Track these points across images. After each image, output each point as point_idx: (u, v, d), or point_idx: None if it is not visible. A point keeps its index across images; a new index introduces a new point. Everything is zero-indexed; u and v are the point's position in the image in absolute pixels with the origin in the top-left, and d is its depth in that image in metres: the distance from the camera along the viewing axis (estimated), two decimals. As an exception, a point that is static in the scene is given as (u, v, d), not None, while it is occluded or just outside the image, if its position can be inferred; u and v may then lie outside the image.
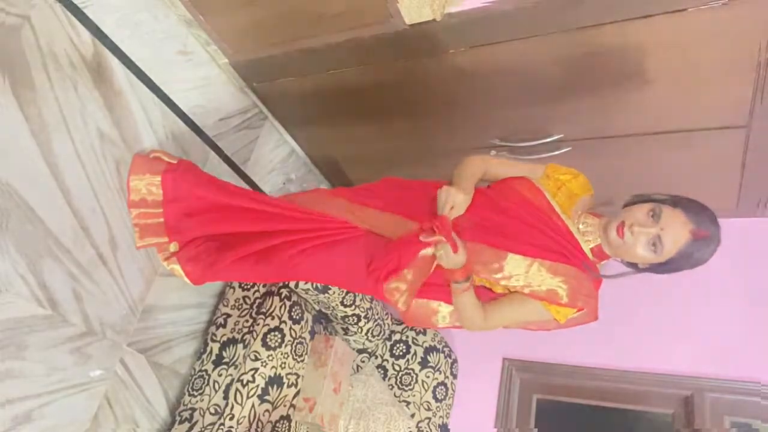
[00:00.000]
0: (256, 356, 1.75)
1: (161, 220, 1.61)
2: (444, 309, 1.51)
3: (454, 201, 1.34)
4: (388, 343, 2.29)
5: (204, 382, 1.88)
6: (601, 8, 1.49)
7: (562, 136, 1.94)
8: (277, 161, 2.45)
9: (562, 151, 1.96)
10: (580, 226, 1.37)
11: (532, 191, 1.40)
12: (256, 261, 1.55)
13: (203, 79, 2.03)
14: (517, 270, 1.34)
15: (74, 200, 1.56)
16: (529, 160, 1.61)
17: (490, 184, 1.53)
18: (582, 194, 1.42)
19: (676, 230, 1.21)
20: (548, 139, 1.96)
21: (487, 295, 1.46)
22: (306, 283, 1.91)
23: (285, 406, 1.80)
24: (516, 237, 1.35)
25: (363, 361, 2.23)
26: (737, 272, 2.14)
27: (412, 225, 1.39)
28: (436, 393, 2.20)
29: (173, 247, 1.63)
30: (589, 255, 1.36)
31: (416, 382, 2.21)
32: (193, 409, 1.84)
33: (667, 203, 1.25)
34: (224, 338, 1.94)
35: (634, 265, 1.32)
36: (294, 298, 1.91)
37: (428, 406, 2.19)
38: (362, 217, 1.47)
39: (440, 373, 2.23)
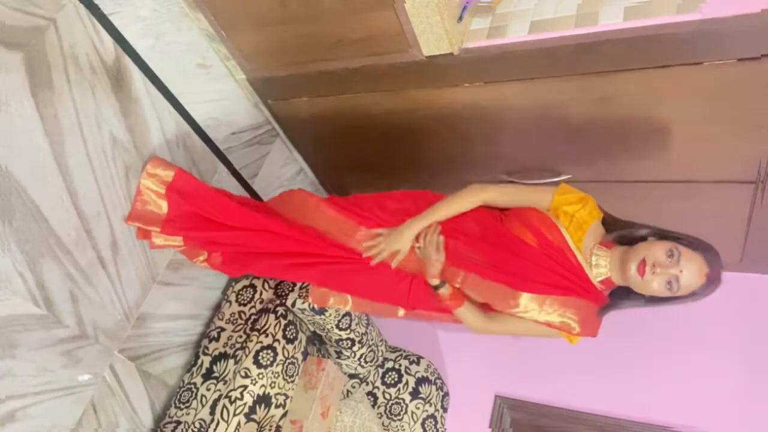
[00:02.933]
0: (246, 373, 1.73)
1: (163, 211, 1.66)
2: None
3: (393, 247, 1.51)
4: (381, 371, 2.26)
5: (192, 396, 1.86)
6: (617, 55, 1.51)
7: (569, 176, 1.94)
8: (285, 179, 2.46)
9: (569, 191, 1.96)
10: (593, 259, 1.43)
11: (549, 228, 1.46)
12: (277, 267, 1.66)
13: (219, 92, 2.05)
14: (532, 305, 1.44)
15: (80, 202, 1.57)
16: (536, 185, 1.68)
17: (506, 212, 1.58)
18: (592, 221, 1.46)
19: (694, 273, 1.28)
20: (556, 179, 1.96)
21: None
22: (303, 302, 1.90)
23: (271, 427, 1.77)
24: (531, 276, 1.44)
25: (353, 387, 2.20)
26: (737, 329, 2.12)
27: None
28: (426, 425, 2.16)
29: (177, 241, 1.70)
30: (598, 286, 1.44)
31: (406, 412, 2.17)
32: (178, 422, 1.81)
33: (683, 243, 1.31)
34: (216, 352, 1.92)
35: (641, 296, 1.38)
36: (290, 317, 1.90)
37: (416, 438, 2.15)
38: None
39: (431, 406, 2.20)
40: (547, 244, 1.44)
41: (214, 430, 1.67)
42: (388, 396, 2.21)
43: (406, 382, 2.22)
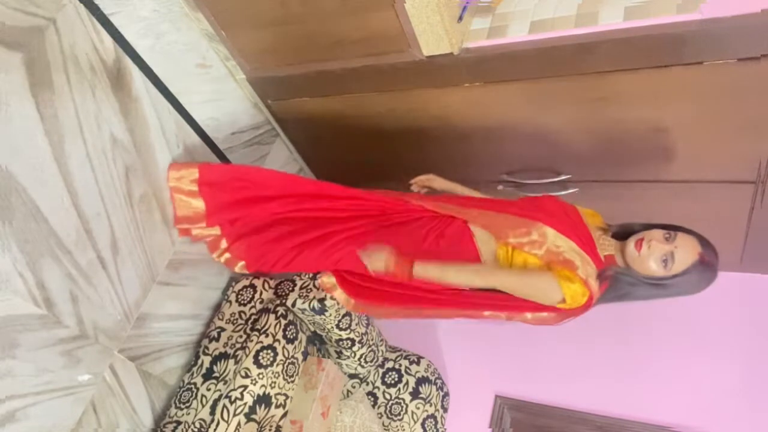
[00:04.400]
0: (246, 373, 1.73)
1: (201, 208, 1.79)
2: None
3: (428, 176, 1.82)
4: (381, 371, 2.26)
5: (192, 396, 1.86)
6: (617, 55, 1.51)
7: (570, 176, 1.94)
8: (285, 179, 2.46)
9: (569, 191, 1.96)
10: (600, 240, 1.51)
11: (566, 204, 1.57)
12: (301, 251, 1.76)
13: (219, 92, 2.05)
14: (542, 238, 1.45)
15: (80, 202, 1.57)
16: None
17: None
18: (601, 222, 1.60)
19: (688, 250, 1.35)
20: (556, 179, 1.96)
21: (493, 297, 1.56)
22: (303, 302, 1.90)
23: (271, 427, 1.77)
24: (549, 212, 1.51)
25: (353, 387, 2.20)
26: (737, 328, 2.12)
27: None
28: (426, 425, 2.16)
29: (216, 231, 1.84)
30: (602, 259, 1.48)
31: (406, 412, 2.17)
32: (178, 422, 1.81)
33: (680, 230, 1.39)
34: (216, 352, 1.92)
35: (639, 279, 1.42)
36: (290, 317, 1.90)
37: (416, 438, 2.15)
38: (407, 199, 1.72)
39: (431, 406, 2.19)
40: (564, 209, 1.54)
41: (214, 430, 1.66)
42: (388, 396, 2.21)
43: (406, 382, 2.22)
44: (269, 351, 1.77)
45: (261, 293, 2.06)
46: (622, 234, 1.50)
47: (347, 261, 1.73)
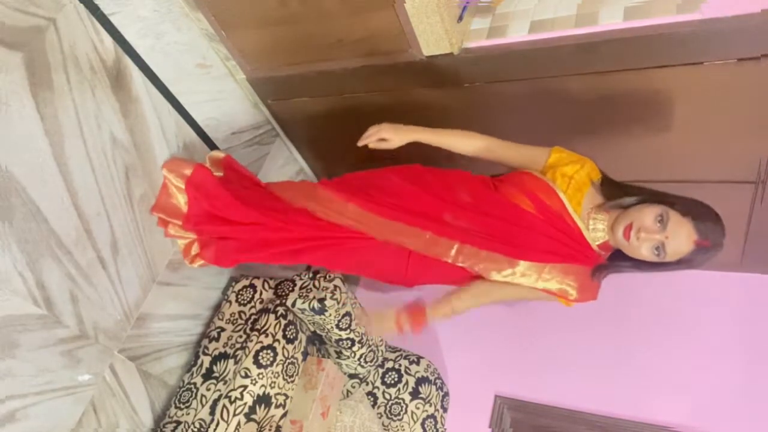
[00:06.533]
0: (246, 373, 1.73)
1: (182, 205, 1.75)
2: None
3: (380, 134, 1.60)
4: (381, 371, 2.26)
5: (192, 396, 1.86)
6: (618, 55, 1.51)
7: (570, 176, 1.94)
8: (285, 178, 2.46)
9: (569, 191, 1.96)
10: (590, 223, 1.41)
11: (547, 193, 1.43)
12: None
13: (219, 92, 2.05)
14: (531, 272, 1.43)
15: (80, 202, 1.57)
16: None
17: (500, 176, 1.59)
18: (590, 183, 1.44)
19: (681, 240, 1.25)
20: (556, 179, 1.96)
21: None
22: (303, 302, 1.90)
23: (271, 427, 1.77)
24: (529, 244, 1.42)
25: (353, 387, 2.20)
26: (737, 329, 2.12)
27: (415, 231, 1.49)
28: (425, 425, 2.16)
29: (191, 236, 1.79)
30: (597, 250, 1.42)
31: (405, 412, 2.17)
32: (178, 422, 1.81)
33: (676, 209, 1.27)
34: (216, 352, 1.92)
35: (634, 261, 1.35)
36: (290, 317, 1.90)
37: (416, 438, 2.15)
38: (370, 226, 1.54)
39: (431, 406, 2.19)
40: (546, 210, 1.42)
41: (214, 430, 1.66)
42: (388, 396, 2.21)
43: (406, 382, 2.22)
44: (269, 351, 1.77)
45: (261, 293, 2.06)
46: (616, 201, 1.40)
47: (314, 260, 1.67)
